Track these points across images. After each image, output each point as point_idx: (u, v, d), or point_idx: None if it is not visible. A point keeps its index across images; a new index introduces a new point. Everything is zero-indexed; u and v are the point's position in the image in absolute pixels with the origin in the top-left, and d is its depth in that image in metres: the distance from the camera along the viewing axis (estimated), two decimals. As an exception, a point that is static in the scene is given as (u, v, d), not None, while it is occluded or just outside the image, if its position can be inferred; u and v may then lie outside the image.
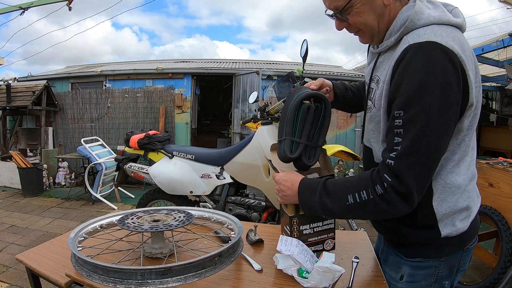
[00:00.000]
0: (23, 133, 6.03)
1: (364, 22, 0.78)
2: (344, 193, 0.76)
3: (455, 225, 0.80)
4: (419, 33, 0.71)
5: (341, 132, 6.01)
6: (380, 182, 0.70)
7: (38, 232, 3.33)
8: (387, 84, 0.75)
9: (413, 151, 0.68)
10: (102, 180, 4.41)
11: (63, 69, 8.31)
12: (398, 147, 0.69)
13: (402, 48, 0.71)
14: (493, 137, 6.47)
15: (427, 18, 0.72)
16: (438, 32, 0.69)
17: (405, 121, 0.68)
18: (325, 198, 0.78)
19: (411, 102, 0.68)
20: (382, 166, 0.72)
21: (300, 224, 0.95)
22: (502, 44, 4.72)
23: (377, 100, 0.80)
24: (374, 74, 0.85)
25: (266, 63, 8.60)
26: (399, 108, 0.69)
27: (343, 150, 2.61)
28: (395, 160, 0.69)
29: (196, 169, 2.45)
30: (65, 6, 4.72)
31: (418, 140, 0.67)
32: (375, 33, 0.80)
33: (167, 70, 6.07)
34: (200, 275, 0.75)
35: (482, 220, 2.25)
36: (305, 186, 0.84)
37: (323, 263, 0.81)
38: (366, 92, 0.93)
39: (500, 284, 2.04)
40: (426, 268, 0.83)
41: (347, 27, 0.82)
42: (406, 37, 0.73)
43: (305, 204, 0.84)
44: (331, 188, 0.79)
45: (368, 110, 0.89)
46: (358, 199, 0.73)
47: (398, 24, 0.76)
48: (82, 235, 0.97)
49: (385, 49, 0.81)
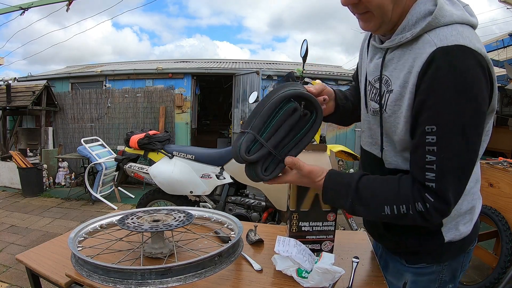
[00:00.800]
0: (23, 133, 6.03)
1: (378, 2, 0.65)
2: (381, 203, 0.70)
3: (458, 230, 0.78)
4: (444, 33, 0.62)
5: (341, 132, 6.01)
6: (422, 201, 0.66)
7: (38, 232, 3.33)
8: (410, 92, 0.66)
9: (453, 170, 0.64)
10: (102, 180, 4.41)
11: (63, 69, 8.31)
12: (432, 166, 0.64)
13: (425, 49, 0.63)
14: (493, 137, 6.36)
15: (451, 16, 0.64)
16: (464, 33, 0.62)
17: (439, 138, 0.62)
18: (358, 206, 0.72)
19: (444, 117, 0.61)
20: (421, 186, 0.66)
21: (300, 220, 0.95)
22: (502, 44, 4.72)
23: (391, 105, 0.71)
24: (382, 73, 0.74)
25: (266, 63, 8.60)
26: (430, 123, 0.62)
27: (343, 150, 2.61)
28: (436, 183, 0.64)
29: (196, 169, 2.45)
30: (65, 6, 4.71)
31: (455, 158, 0.63)
32: (386, 20, 0.68)
33: (167, 70, 6.07)
34: (200, 275, 0.75)
35: (482, 220, 2.25)
36: (333, 186, 0.75)
37: (323, 264, 0.80)
38: (364, 90, 0.84)
39: (500, 284, 2.04)
40: (429, 274, 0.81)
41: (355, 5, 0.68)
42: (427, 35, 0.64)
43: (330, 203, 0.79)
44: (364, 195, 0.71)
45: (373, 113, 0.80)
46: (396, 211, 0.68)
47: (414, 18, 0.66)
48: (82, 235, 0.96)
49: (396, 45, 0.70)
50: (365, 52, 0.86)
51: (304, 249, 0.91)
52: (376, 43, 0.78)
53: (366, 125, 0.86)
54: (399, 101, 0.69)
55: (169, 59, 10.03)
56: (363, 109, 0.87)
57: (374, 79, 0.78)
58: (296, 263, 0.84)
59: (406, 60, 0.68)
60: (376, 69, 0.76)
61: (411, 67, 0.66)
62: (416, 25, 0.66)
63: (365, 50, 0.87)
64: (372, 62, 0.79)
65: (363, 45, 0.90)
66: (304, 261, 0.85)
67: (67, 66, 8.86)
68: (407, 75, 0.67)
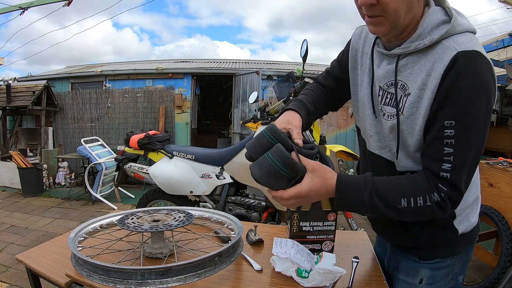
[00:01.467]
0: (23, 133, 6.03)
1: (394, 7, 0.67)
2: (397, 195, 0.71)
3: (469, 220, 0.82)
4: (461, 40, 0.68)
5: (341, 132, 6.01)
6: (437, 191, 0.69)
7: (38, 232, 3.33)
8: (431, 92, 0.69)
9: (467, 162, 0.68)
10: (102, 180, 4.41)
11: (63, 69, 8.31)
12: (449, 157, 0.68)
13: (446, 53, 0.67)
14: (493, 137, 6.45)
15: (463, 25, 0.70)
16: (475, 41, 0.69)
17: (457, 131, 0.67)
18: (377, 199, 0.71)
19: (463, 113, 0.66)
20: (435, 177, 0.70)
21: (300, 220, 0.95)
22: (502, 44, 4.73)
23: (408, 107, 0.73)
24: (397, 78, 0.76)
25: (266, 63, 8.60)
26: (451, 118, 0.67)
27: (343, 150, 2.61)
28: (451, 173, 0.68)
29: (196, 169, 2.45)
30: (65, 5, 4.71)
31: (470, 150, 0.68)
32: (397, 26, 0.70)
33: (167, 70, 6.07)
34: (200, 275, 0.75)
35: (482, 220, 2.25)
36: (347, 184, 0.73)
37: (324, 265, 0.80)
38: (371, 96, 0.84)
39: (500, 284, 2.04)
40: (444, 268, 0.84)
41: (371, 6, 0.69)
42: (446, 41, 0.69)
43: (345, 203, 0.74)
44: (381, 188, 0.72)
45: (387, 118, 0.79)
46: (412, 204, 0.70)
47: (429, 27, 0.71)
48: (82, 235, 0.96)
49: (410, 52, 0.73)
50: (363, 59, 0.88)
51: (302, 248, 0.91)
52: (382, 49, 0.80)
53: (374, 130, 0.86)
54: (417, 103, 0.72)
55: (169, 59, 10.04)
56: (369, 114, 0.86)
57: (387, 85, 0.79)
58: (295, 264, 0.84)
59: (423, 65, 0.71)
60: (388, 75, 0.78)
61: (429, 70, 0.70)
62: (431, 33, 0.70)
63: (360, 56, 0.89)
64: (381, 69, 0.80)
65: (353, 51, 0.92)
66: (303, 261, 0.85)
67: (67, 66, 8.86)
68: (425, 78, 0.70)
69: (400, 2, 0.67)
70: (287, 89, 2.65)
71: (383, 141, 0.84)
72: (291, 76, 2.69)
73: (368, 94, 0.86)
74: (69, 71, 6.98)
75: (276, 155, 0.68)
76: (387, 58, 0.79)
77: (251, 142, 0.75)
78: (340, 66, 0.98)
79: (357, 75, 0.91)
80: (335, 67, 1.00)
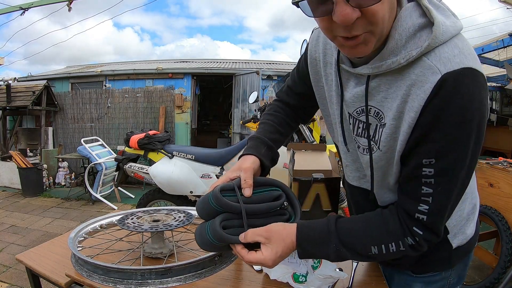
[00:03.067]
0: (23, 133, 6.04)
1: (383, 14, 0.52)
2: (367, 243, 0.63)
3: (465, 233, 0.76)
4: (446, 55, 0.53)
5: (341, 132, 6.00)
6: (411, 235, 0.61)
7: (38, 232, 3.33)
8: (408, 125, 0.57)
9: (447, 204, 0.59)
10: (102, 180, 4.41)
11: (63, 69, 8.32)
12: (427, 198, 0.58)
13: (427, 77, 0.54)
14: (493, 137, 6.46)
15: (447, 31, 0.54)
16: (464, 50, 0.54)
17: (437, 171, 0.56)
18: (344, 250, 0.63)
19: (446, 151, 0.55)
20: (409, 219, 0.61)
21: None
22: (502, 44, 4.72)
23: (385, 141, 0.62)
24: (368, 103, 0.63)
25: (266, 63, 8.60)
26: (430, 156, 0.56)
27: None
28: (428, 216, 0.59)
29: (196, 169, 2.45)
30: (65, 6, 4.72)
31: (452, 190, 0.58)
32: (381, 38, 0.56)
33: (167, 70, 6.07)
34: (200, 275, 0.75)
35: (482, 220, 2.25)
36: (309, 237, 0.65)
37: (326, 270, 0.78)
38: (341, 124, 0.71)
39: (500, 284, 2.04)
40: (438, 281, 0.79)
41: (355, 23, 0.51)
42: (426, 58, 0.54)
43: (308, 255, 0.67)
44: (348, 239, 0.64)
45: (362, 151, 0.69)
46: (384, 250, 0.62)
47: (403, 37, 0.55)
48: (82, 235, 0.96)
49: (382, 72, 0.59)
50: (327, 70, 0.73)
51: (295, 252, 0.89)
52: (347, 66, 0.65)
53: (349, 159, 0.75)
54: (394, 134, 0.60)
55: (169, 59, 10.04)
56: (341, 143, 0.74)
57: (357, 112, 0.66)
58: (290, 269, 0.81)
59: (398, 88, 0.58)
60: (357, 99, 0.65)
61: (405, 95, 0.57)
62: (407, 46, 0.55)
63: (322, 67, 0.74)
64: (348, 92, 0.67)
65: (312, 60, 0.77)
66: (298, 265, 0.82)
67: (67, 66, 8.86)
68: (401, 106, 0.58)
69: (386, 6, 0.52)
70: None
71: (361, 170, 0.73)
72: (291, 76, 2.69)
73: (338, 118, 0.72)
74: (69, 71, 6.98)
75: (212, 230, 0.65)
76: (354, 77, 0.65)
77: (199, 203, 0.69)
78: (300, 79, 0.85)
79: (322, 89, 0.77)
80: (296, 81, 0.87)
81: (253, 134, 0.86)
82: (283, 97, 0.91)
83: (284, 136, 0.89)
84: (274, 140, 0.84)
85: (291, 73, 0.89)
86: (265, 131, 0.85)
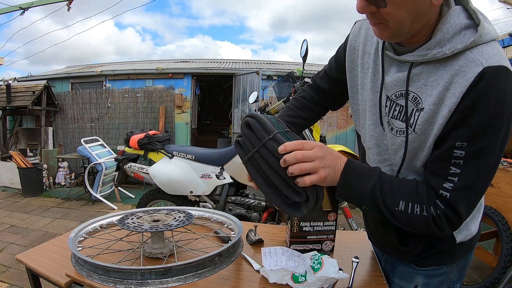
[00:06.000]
0: (23, 133, 6.03)
1: (398, 18, 0.60)
2: (397, 196, 0.66)
3: (469, 229, 0.79)
4: (488, 52, 0.60)
5: (341, 132, 6.01)
6: (434, 206, 0.65)
7: (38, 232, 3.33)
8: (449, 110, 0.62)
9: (472, 186, 0.63)
10: (102, 180, 4.41)
11: (63, 69, 8.32)
12: (454, 178, 0.62)
13: (470, 68, 0.60)
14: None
15: (489, 33, 0.61)
16: (501, 52, 0.61)
17: (468, 154, 0.61)
18: (378, 193, 0.66)
19: (479, 136, 0.60)
20: (433, 193, 0.65)
21: (300, 220, 0.95)
22: (502, 44, 4.72)
23: (422, 124, 0.66)
24: (409, 89, 0.68)
25: (266, 63, 8.60)
26: (463, 140, 0.61)
27: (343, 150, 2.61)
28: (451, 193, 0.63)
29: (196, 169, 2.45)
30: (65, 6, 4.72)
31: (479, 175, 0.62)
32: (402, 33, 0.64)
33: (167, 70, 6.07)
34: (200, 275, 0.75)
35: (482, 220, 2.24)
36: (355, 168, 0.68)
37: (327, 272, 0.77)
38: (379, 105, 0.75)
39: (500, 284, 2.04)
40: (440, 275, 0.81)
41: (372, 14, 0.63)
42: (470, 53, 0.61)
43: (348, 188, 0.68)
44: (387, 183, 0.67)
45: (395, 133, 0.72)
46: (409, 210, 0.65)
47: (450, 32, 0.62)
48: (82, 235, 0.96)
49: (426, 60, 0.65)
50: (364, 59, 0.79)
51: (291, 252, 0.89)
52: (391, 53, 0.71)
53: (373, 142, 0.79)
54: (431, 119, 0.65)
55: (169, 59, 10.04)
56: (370, 125, 0.78)
57: (395, 95, 0.71)
58: (289, 271, 0.81)
59: (440, 76, 0.63)
60: (398, 84, 0.70)
61: (448, 83, 0.62)
62: (452, 40, 0.62)
63: (360, 56, 0.80)
64: (389, 76, 0.72)
65: (351, 49, 0.83)
66: (297, 266, 0.82)
67: (67, 66, 8.86)
68: (442, 92, 0.63)
69: (404, 12, 0.59)
70: (287, 89, 2.66)
71: (383, 154, 0.78)
72: (291, 76, 2.69)
73: (371, 102, 0.77)
74: (69, 71, 6.98)
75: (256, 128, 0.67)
76: (396, 64, 0.71)
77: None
78: (337, 65, 0.91)
79: (356, 77, 0.83)
80: (332, 67, 0.93)
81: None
82: (318, 81, 0.98)
83: (306, 120, 0.96)
84: (292, 123, 0.90)
85: (329, 60, 0.95)
86: (284, 114, 0.94)
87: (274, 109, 2.45)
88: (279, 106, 2.41)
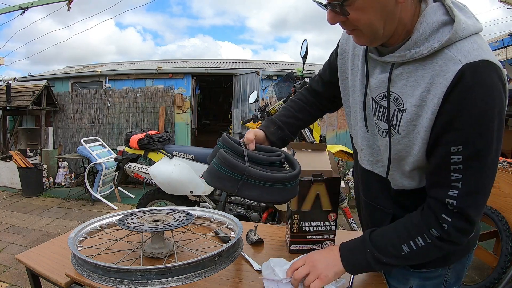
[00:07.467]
0: (23, 133, 6.03)
1: (367, 22, 0.61)
2: (396, 244, 0.68)
3: None
4: (466, 48, 0.58)
5: (341, 132, 6.00)
6: (437, 225, 0.64)
7: (38, 232, 3.33)
8: (432, 112, 0.61)
9: (477, 188, 0.62)
10: (102, 180, 4.41)
11: (63, 69, 8.32)
12: (457, 183, 0.61)
13: (449, 67, 0.59)
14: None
15: (467, 28, 0.60)
16: (483, 46, 0.60)
17: (466, 157, 0.60)
18: (377, 254, 0.70)
19: (472, 137, 0.59)
20: (437, 206, 0.65)
21: (300, 220, 0.95)
22: (502, 44, 4.73)
23: (405, 125, 0.66)
24: (390, 90, 0.68)
25: (267, 63, 8.60)
26: (457, 144, 0.60)
27: (343, 150, 2.61)
28: (458, 199, 0.62)
29: (196, 169, 2.45)
30: (65, 6, 4.72)
31: (482, 176, 0.61)
32: (378, 37, 0.64)
33: (167, 70, 6.07)
34: (200, 275, 0.75)
35: (482, 220, 2.25)
36: (348, 249, 0.75)
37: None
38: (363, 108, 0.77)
39: (500, 284, 2.04)
40: (435, 278, 0.81)
41: (343, 23, 0.65)
42: (448, 50, 0.59)
43: (353, 267, 0.75)
44: (380, 243, 0.71)
45: (381, 134, 0.73)
46: (414, 246, 0.66)
47: (427, 31, 0.61)
48: (82, 235, 0.96)
49: (406, 60, 0.64)
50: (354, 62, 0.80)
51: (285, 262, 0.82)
52: (374, 55, 0.71)
53: (365, 143, 0.80)
54: (414, 121, 0.64)
55: (169, 59, 10.04)
56: (361, 126, 0.79)
57: (379, 97, 0.71)
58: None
59: (420, 77, 0.63)
60: (381, 85, 0.70)
61: (429, 84, 0.61)
62: (430, 39, 0.61)
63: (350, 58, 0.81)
64: (373, 78, 0.72)
65: (341, 52, 0.84)
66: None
67: (67, 66, 8.86)
68: (424, 94, 0.62)
69: (371, 15, 0.60)
70: (287, 89, 2.66)
71: (375, 155, 0.78)
72: (291, 76, 2.69)
73: (360, 104, 0.78)
74: (69, 71, 6.98)
75: (217, 158, 0.74)
76: (380, 65, 0.71)
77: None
78: (330, 69, 0.92)
79: (346, 79, 0.84)
80: (326, 70, 0.94)
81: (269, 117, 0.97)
82: (313, 84, 0.99)
83: (302, 121, 0.97)
84: (286, 123, 0.93)
85: (324, 64, 0.97)
86: (280, 115, 0.96)
87: (274, 109, 2.45)
88: (279, 106, 2.41)
